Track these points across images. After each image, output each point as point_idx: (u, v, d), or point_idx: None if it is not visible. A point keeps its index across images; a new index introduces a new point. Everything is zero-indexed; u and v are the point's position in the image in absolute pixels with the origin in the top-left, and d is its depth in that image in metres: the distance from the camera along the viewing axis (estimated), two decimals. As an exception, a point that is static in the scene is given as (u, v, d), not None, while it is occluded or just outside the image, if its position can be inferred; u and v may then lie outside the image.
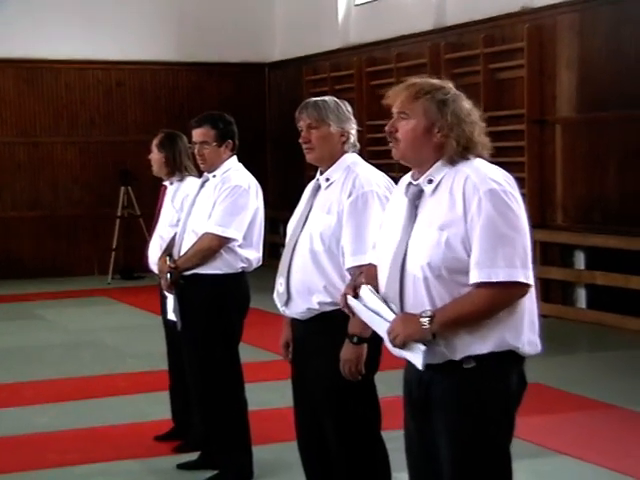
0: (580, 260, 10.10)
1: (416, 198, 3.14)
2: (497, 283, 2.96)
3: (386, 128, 3.19)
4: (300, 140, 4.09)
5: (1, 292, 12.71)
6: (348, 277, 3.84)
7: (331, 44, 13.78)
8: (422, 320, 3.00)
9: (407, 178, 3.24)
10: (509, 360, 3.09)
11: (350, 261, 3.87)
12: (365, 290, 3.21)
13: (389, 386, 3.39)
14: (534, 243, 10.43)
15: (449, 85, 3.22)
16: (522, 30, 10.39)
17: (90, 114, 14.59)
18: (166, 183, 6.02)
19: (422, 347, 3.03)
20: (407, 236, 3.11)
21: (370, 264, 3.39)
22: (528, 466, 5.40)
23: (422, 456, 3.23)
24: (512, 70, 10.68)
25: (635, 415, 6.48)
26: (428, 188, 3.12)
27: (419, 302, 3.06)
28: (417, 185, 3.15)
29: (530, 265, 3.02)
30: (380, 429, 4.10)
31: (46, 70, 14.28)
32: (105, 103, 14.66)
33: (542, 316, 10.29)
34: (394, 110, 3.17)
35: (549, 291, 10.30)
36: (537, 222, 10.33)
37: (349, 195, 3.95)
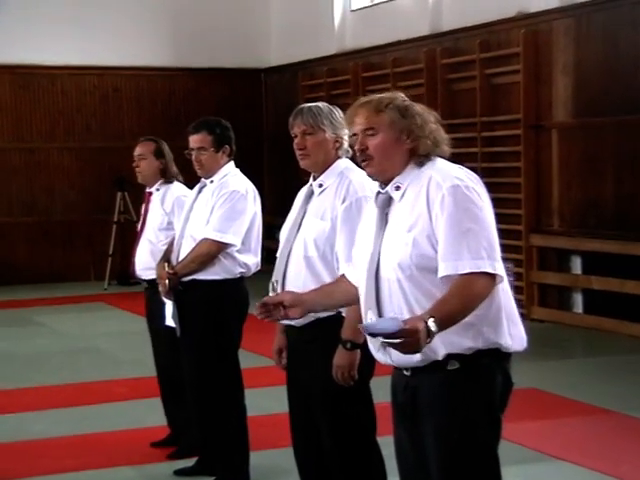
0: (577, 265, 10.11)
1: (386, 205, 3.22)
2: (466, 275, 3.00)
3: (356, 147, 3.24)
4: (295, 146, 4.09)
5: (-3, 298, 12.70)
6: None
7: (327, 49, 13.79)
8: (431, 327, 2.86)
9: (377, 188, 3.30)
10: (493, 359, 3.12)
11: (345, 267, 3.87)
12: (369, 321, 3.11)
13: (385, 392, 3.39)
14: (530, 248, 10.37)
15: (401, 94, 3.29)
16: (518, 35, 10.40)
17: (86, 120, 14.59)
18: (152, 190, 6.00)
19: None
20: (379, 243, 3.17)
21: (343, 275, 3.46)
22: (523, 471, 5.40)
23: (413, 462, 3.24)
24: (508, 75, 10.69)
25: (631, 420, 6.48)
26: (396, 195, 3.19)
27: (396, 305, 3.10)
28: (385, 193, 3.22)
29: (498, 257, 3.06)
30: (375, 434, 4.10)
31: (42, 76, 14.28)
32: (101, 109, 14.66)
33: (538, 321, 10.29)
34: (358, 129, 3.22)
35: (546, 296, 10.31)
36: (533, 227, 10.36)
37: (343, 201, 3.96)
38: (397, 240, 3.11)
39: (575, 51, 9.97)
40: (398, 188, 3.18)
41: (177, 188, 5.89)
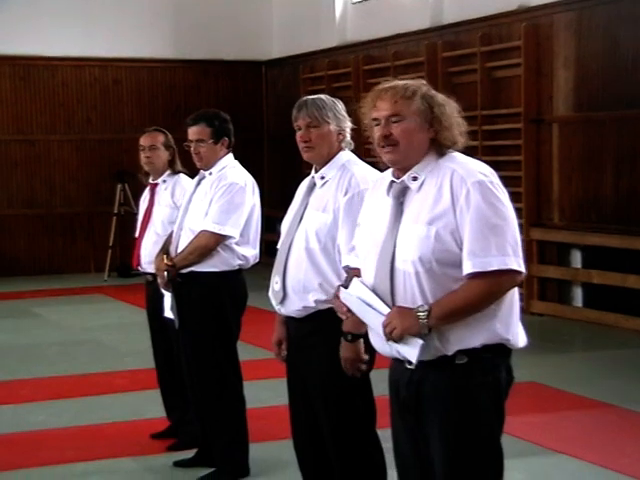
0: (577, 259, 10.11)
1: (401, 195, 3.18)
2: (491, 272, 3.00)
3: (378, 134, 3.18)
4: (298, 139, 4.08)
5: (-3, 290, 12.71)
6: (344, 275, 3.84)
7: (328, 42, 13.78)
8: (419, 314, 3.03)
9: (387, 177, 3.27)
10: (499, 353, 3.12)
11: (347, 259, 3.87)
12: (357, 283, 3.22)
13: (385, 384, 3.39)
14: (530, 242, 10.34)
15: (424, 82, 3.28)
16: (519, 29, 10.39)
17: (86, 112, 14.58)
18: (157, 181, 5.99)
19: (420, 341, 3.05)
20: (394, 234, 3.14)
21: (350, 267, 3.44)
22: (524, 464, 5.41)
23: (412, 456, 3.25)
24: (509, 69, 10.68)
25: (631, 414, 6.48)
26: (414, 185, 3.16)
27: (411, 298, 3.09)
28: (401, 182, 3.19)
29: (521, 254, 3.07)
30: (375, 426, 4.10)
31: (42, 67, 14.26)
32: (101, 101, 14.64)
33: (538, 314, 10.26)
34: (382, 114, 3.17)
35: (545, 290, 10.31)
36: (534, 220, 10.35)
37: (345, 193, 3.95)
38: (417, 233, 3.08)
39: (576, 45, 9.96)
40: (415, 179, 3.16)
41: (186, 181, 5.85)
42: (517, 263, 3.03)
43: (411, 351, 3.08)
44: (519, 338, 3.16)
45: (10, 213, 14.23)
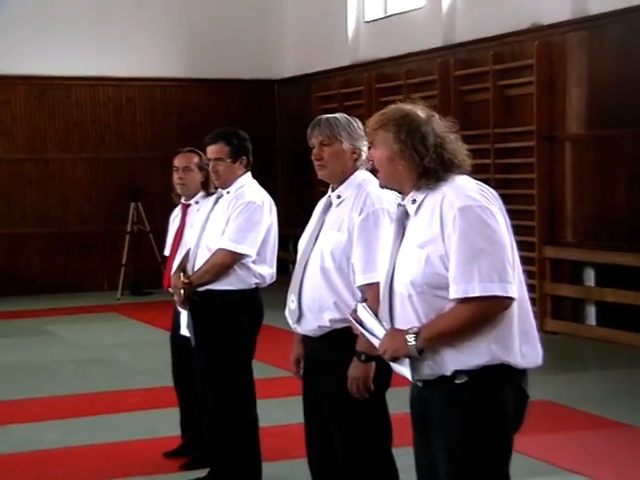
0: (590, 277, 10.08)
1: (403, 218, 3.23)
2: (475, 298, 3.01)
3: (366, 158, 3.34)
4: (312, 157, 4.10)
5: (11, 308, 12.73)
6: (359, 294, 3.85)
7: (341, 61, 13.82)
8: (408, 337, 3.08)
9: (395, 200, 3.36)
10: (502, 374, 3.11)
11: (361, 279, 3.88)
12: (360, 308, 3.31)
13: (400, 403, 3.40)
14: (544, 260, 10.27)
15: (414, 111, 3.23)
16: (531, 47, 10.41)
17: (100, 131, 14.65)
18: (190, 202, 6.00)
19: (406, 360, 3.12)
20: (394, 256, 3.20)
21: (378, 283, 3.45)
22: (538, 484, 5.39)
23: (429, 473, 3.25)
24: (521, 87, 10.69)
25: (645, 433, 6.46)
26: (411, 208, 3.21)
27: (406, 319, 3.13)
28: (403, 206, 3.23)
29: (510, 278, 3.05)
30: (391, 447, 4.09)
31: (57, 87, 14.34)
32: (115, 120, 14.71)
33: (552, 333, 10.18)
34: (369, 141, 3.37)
35: (559, 308, 10.28)
36: (547, 239, 10.34)
37: (360, 212, 3.97)
38: (410, 255, 3.12)
39: (588, 63, 9.97)
40: (414, 202, 3.19)
41: None
42: (501, 289, 3.01)
43: (404, 370, 3.16)
44: (527, 360, 3.13)
45: (24, 231, 14.28)
